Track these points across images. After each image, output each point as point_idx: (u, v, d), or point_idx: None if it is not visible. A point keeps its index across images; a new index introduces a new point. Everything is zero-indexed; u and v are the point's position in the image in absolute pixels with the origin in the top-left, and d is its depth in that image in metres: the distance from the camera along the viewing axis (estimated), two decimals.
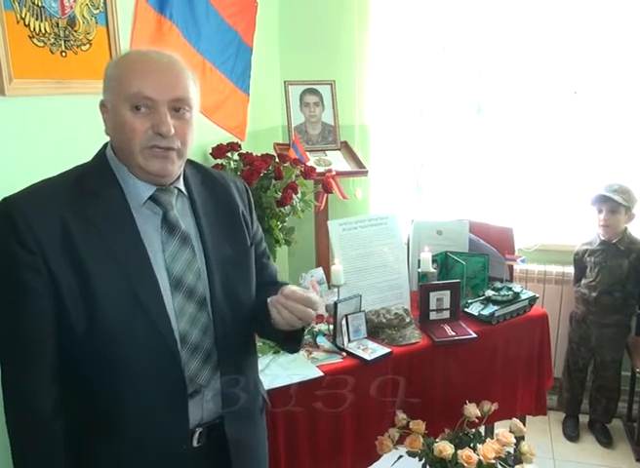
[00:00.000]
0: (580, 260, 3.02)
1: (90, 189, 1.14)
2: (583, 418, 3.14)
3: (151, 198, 1.17)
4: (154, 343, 1.14)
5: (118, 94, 1.12)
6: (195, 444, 1.23)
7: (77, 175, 1.17)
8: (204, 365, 1.22)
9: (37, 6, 1.61)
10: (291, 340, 1.35)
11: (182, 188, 1.25)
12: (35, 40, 1.63)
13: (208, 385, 1.24)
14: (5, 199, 1.09)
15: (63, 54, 1.74)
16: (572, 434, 3.05)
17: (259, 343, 1.70)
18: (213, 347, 1.23)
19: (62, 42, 1.73)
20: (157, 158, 1.13)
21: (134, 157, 1.14)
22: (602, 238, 2.90)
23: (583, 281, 2.99)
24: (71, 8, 1.74)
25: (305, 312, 1.17)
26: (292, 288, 1.20)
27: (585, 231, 3.08)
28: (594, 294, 2.91)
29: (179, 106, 1.14)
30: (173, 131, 1.12)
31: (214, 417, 1.26)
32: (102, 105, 1.17)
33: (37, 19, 1.62)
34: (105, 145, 1.24)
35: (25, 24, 1.59)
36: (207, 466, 1.28)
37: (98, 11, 1.86)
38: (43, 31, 1.65)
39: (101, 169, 1.18)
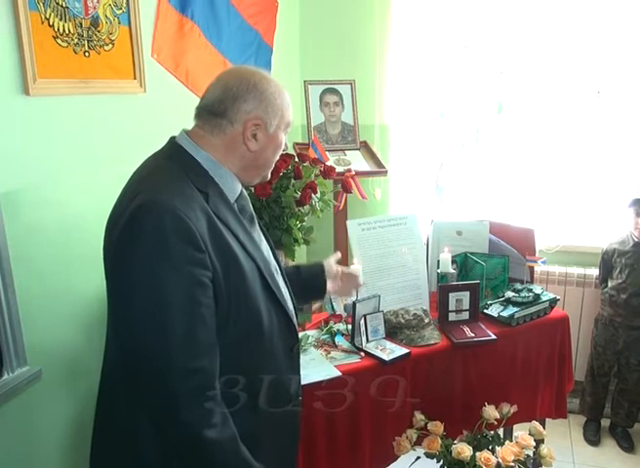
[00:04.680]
0: (608, 260, 2.97)
1: (198, 188, 1.21)
2: (604, 422, 3.10)
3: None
4: (283, 319, 1.34)
5: (280, 120, 1.30)
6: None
7: (182, 174, 1.22)
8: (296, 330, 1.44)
9: (61, 6, 1.64)
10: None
11: None
12: (59, 40, 1.65)
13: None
14: (157, 201, 1.11)
15: (87, 54, 1.76)
16: (593, 438, 3.01)
17: None
18: (295, 315, 1.44)
19: (86, 42, 1.75)
20: None
21: (268, 168, 1.36)
22: (636, 240, 2.85)
23: (611, 283, 2.94)
24: (94, 8, 1.76)
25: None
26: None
27: (608, 232, 3.05)
28: (624, 296, 2.86)
29: None
30: None
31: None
32: (257, 124, 1.26)
33: (61, 19, 1.64)
34: (173, 145, 1.28)
35: (50, 25, 1.61)
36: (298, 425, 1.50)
37: (120, 11, 1.88)
38: (67, 31, 1.67)
39: (193, 167, 1.24)
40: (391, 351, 1.97)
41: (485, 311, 2.24)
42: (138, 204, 1.12)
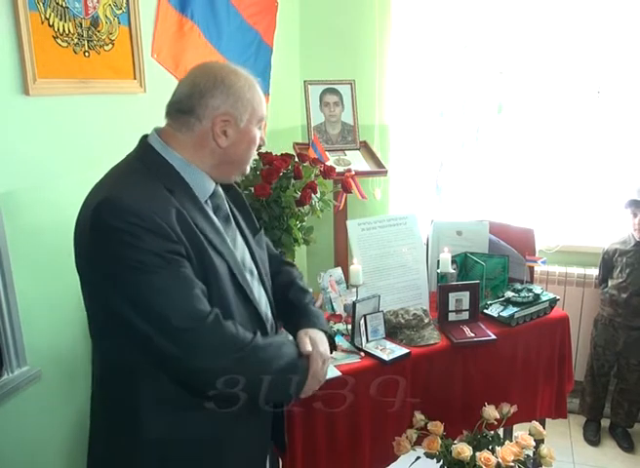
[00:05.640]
0: (609, 260, 2.97)
1: (165, 186, 1.20)
2: (604, 422, 3.10)
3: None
4: (255, 320, 1.33)
5: (252, 114, 1.27)
6: None
7: (147, 172, 1.21)
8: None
9: (61, 6, 1.64)
10: None
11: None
12: (59, 40, 1.65)
13: None
14: (116, 198, 1.12)
15: (86, 54, 1.76)
16: (593, 438, 3.01)
17: None
18: (273, 320, 1.43)
19: (86, 42, 1.75)
20: None
21: (244, 163, 1.33)
22: (637, 239, 2.85)
23: (611, 282, 2.94)
24: (94, 8, 1.76)
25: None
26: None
27: (608, 232, 3.05)
28: (624, 296, 2.86)
29: None
30: None
31: None
32: (226, 120, 1.24)
33: (61, 19, 1.64)
34: (143, 144, 1.28)
35: (50, 25, 1.61)
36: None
37: (120, 11, 1.88)
38: (67, 31, 1.67)
39: (162, 166, 1.23)
40: (391, 351, 1.97)
41: (485, 311, 2.24)
42: (97, 202, 1.12)
